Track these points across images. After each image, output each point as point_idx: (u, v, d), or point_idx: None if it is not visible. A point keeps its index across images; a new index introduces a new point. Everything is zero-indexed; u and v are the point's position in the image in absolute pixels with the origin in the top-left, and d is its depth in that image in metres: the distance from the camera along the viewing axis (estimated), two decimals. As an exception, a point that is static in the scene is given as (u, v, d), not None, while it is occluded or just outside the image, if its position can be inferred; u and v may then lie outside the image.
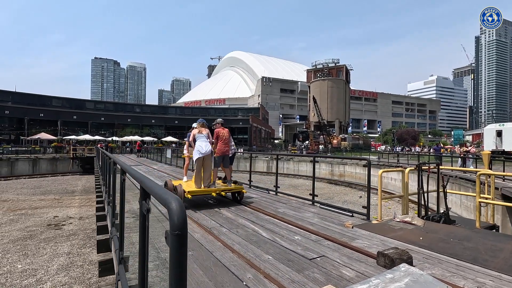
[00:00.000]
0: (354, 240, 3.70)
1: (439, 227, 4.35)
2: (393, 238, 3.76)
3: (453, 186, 13.46)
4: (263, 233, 4.04)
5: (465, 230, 4.26)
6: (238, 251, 3.32)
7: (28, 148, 32.06)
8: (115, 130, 45.91)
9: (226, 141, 6.09)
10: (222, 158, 6.05)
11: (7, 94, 45.97)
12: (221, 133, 6.04)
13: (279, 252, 3.32)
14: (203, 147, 5.67)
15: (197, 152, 5.68)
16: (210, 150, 5.76)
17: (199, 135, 5.83)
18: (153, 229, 4.90)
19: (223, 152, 6.03)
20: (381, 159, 25.55)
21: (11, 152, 29.21)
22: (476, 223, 4.69)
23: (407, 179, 5.15)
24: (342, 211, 5.27)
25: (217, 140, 6.00)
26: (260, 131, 58.17)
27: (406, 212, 5.08)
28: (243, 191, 6.05)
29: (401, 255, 2.82)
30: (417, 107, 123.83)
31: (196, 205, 5.66)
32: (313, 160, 6.62)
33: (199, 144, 5.72)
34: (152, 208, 2.97)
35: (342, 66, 72.30)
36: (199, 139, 5.80)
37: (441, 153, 21.51)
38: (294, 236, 3.92)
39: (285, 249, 3.42)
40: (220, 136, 6.01)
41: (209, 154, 5.77)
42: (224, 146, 6.02)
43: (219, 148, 5.98)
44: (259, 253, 3.30)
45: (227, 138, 6.11)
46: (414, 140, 59.22)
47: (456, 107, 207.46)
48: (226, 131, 6.16)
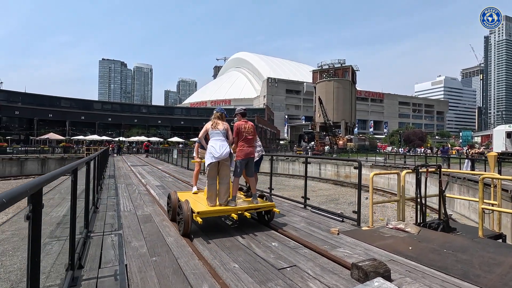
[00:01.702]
0: (336, 249, 3.45)
1: (435, 235, 4.04)
2: (379, 247, 3.50)
3: (462, 189, 13.26)
4: (239, 238, 3.83)
5: (464, 239, 3.95)
6: (206, 258, 3.12)
7: (37, 148, 32.60)
8: (122, 130, 46.39)
9: (251, 139, 4.48)
10: (245, 163, 4.44)
11: (17, 95, 46.89)
12: (243, 127, 4.45)
13: (248, 260, 3.09)
14: (217, 149, 4.15)
15: (209, 156, 4.19)
16: (228, 153, 4.22)
17: (213, 131, 4.31)
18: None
19: (247, 154, 4.40)
20: (388, 160, 25.33)
21: (21, 152, 29.73)
22: (479, 232, 4.26)
23: (403, 182, 4.83)
24: (333, 215, 5.04)
25: (238, 137, 4.42)
26: (265, 132, 58.15)
27: (402, 218, 4.79)
28: (275, 209, 4.36)
29: (377, 268, 2.56)
30: (425, 108, 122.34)
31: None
32: (305, 161, 6.27)
33: (212, 144, 4.22)
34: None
35: (348, 66, 71.88)
36: (213, 137, 4.29)
37: (449, 155, 21.25)
38: (272, 242, 3.67)
39: (257, 256, 3.19)
40: (241, 132, 4.42)
41: (227, 158, 4.26)
42: (248, 146, 4.43)
43: (241, 149, 4.37)
44: (227, 260, 3.08)
45: (251, 135, 4.51)
46: (421, 141, 58.57)
47: (465, 108, 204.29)
48: (250, 125, 4.58)
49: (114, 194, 7.36)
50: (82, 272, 2.76)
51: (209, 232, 4.10)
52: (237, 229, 4.24)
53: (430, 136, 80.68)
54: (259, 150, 5.16)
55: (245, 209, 4.20)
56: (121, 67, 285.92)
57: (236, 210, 4.12)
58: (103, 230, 4.20)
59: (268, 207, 4.39)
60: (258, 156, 5.17)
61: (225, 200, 4.27)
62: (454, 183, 13.74)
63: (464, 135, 75.62)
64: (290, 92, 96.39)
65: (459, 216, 12.41)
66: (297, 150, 42.33)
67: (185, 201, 4.09)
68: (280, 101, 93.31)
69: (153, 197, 7.00)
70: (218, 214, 4.19)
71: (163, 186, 8.84)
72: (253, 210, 4.36)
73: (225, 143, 4.28)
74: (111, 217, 5.01)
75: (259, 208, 4.39)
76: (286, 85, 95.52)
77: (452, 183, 13.93)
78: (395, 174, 5.04)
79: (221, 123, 4.41)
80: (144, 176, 11.39)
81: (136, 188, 8.41)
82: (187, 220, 3.73)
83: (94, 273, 2.75)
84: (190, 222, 3.76)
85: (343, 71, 70.97)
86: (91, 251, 3.35)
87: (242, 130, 4.45)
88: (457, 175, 13.17)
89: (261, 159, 5.32)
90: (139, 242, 3.65)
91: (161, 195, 7.17)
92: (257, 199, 4.48)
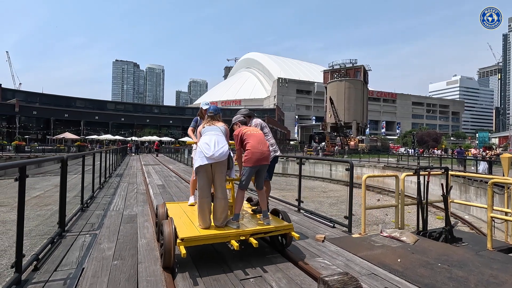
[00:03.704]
0: (314, 258, 3.13)
1: (433, 246, 3.63)
2: (363, 258, 3.17)
3: (479, 192, 12.87)
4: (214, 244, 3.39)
5: (467, 252, 3.52)
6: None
7: (53, 147, 33.58)
8: (135, 130, 47.23)
9: (261, 138, 3.36)
10: (255, 171, 3.28)
11: (35, 95, 48.50)
12: (246, 130, 3.38)
13: (213, 267, 2.85)
14: (211, 145, 3.00)
15: (199, 155, 3.03)
16: (226, 152, 3.05)
17: (208, 127, 3.26)
18: None
19: (259, 160, 3.20)
20: (400, 162, 24.84)
21: (38, 151, 30.66)
22: (487, 244, 3.76)
23: (402, 185, 4.44)
24: (325, 220, 4.75)
25: (243, 145, 3.32)
26: (275, 132, 58.05)
27: (401, 225, 4.38)
28: (293, 233, 3.18)
29: (346, 284, 2.30)
30: (439, 108, 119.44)
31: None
32: (299, 162, 6.00)
33: (205, 140, 3.08)
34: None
35: (360, 66, 70.96)
36: (207, 132, 3.21)
37: (465, 157, 20.65)
38: (248, 249, 3.23)
39: (223, 264, 2.92)
40: (246, 134, 3.32)
41: (224, 161, 3.10)
42: (259, 146, 3.23)
43: (252, 151, 3.18)
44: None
45: (260, 132, 3.47)
46: (436, 142, 57.16)
47: (481, 108, 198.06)
48: (257, 123, 3.84)
49: (112, 193, 7.37)
50: (35, 275, 2.65)
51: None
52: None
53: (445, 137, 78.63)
54: (273, 149, 3.90)
55: (251, 233, 3.07)
56: (134, 68, 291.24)
57: (237, 235, 3.00)
58: (81, 229, 4.11)
59: (284, 229, 3.22)
60: (272, 157, 3.75)
61: (222, 221, 3.11)
62: (470, 186, 13.34)
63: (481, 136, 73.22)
64: (301, 92, 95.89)
65: (476, 220, 12.01)
66: (308, 150, 42.05)
67: (169, 220, 2.98)
68: (290, 101, 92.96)
69: (148, 196, 6.94)
70: (212, 241, 3.01)
71: (164, 185, 8.80)
72: (261, 234, 3.19)
73: (222, 138, 3.15)
74: (96, 216, 4.93)
75: (270, 232, 3.23)
76: (297, 85, 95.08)
77: (468, 186, 13.52)
78: (393, 176, 4.65)
79: (221, 123, 3.36)
80: (150, 175, 11.47)
81: (137, 188, 8.37)
82: (168, 250, 2.68)
83: (46, 276, 2.63)
84: (173, 252, 2.71)
85: (355, 71, 70.10)
86: (56, 252, 3.23)
87: (247, 133, 3.33)
88: (473, 177, 12.79)
89: (275, 161, 3.98)
90: (109, 244, 3.53)
91: (157, 194, 7.14)
92: (268, 217, 3.33)
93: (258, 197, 3.55)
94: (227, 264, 2.95)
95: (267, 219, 3.30)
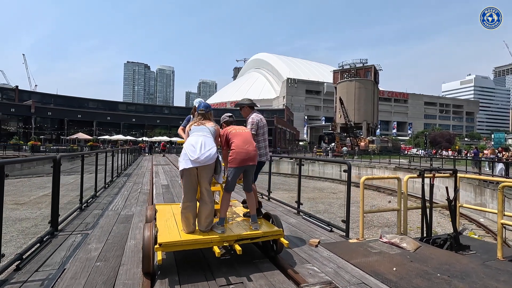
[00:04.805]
0: (303, 264, 2.99)
1: (436, 254, 3.37)
2: (355, 265, 3.00)
3: (495, 194, 12.47)
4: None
5: (473, 261, 3.23)
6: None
7: (67, 147, 34.39)
8: (145, 130, 47.92)
9: (248, 137, 3.22)
10: (241, 173, 3.17)
11: (49, 96, 49.84)
12: (232, 129, 3.25)
13: (196, 273, 2.76)
14: (197, 147, 2.87)
15: (184, 158, 2.89)
16: (213, 155, 2.90)
17: (196, 127, 3.09)
18: None
19: (244, 160, 3.07)
20: (412, 163, 24.38)
21: (53, 151, 31.45)
22: (498, 253, 3.42)
23: (405, 188, 4.19)
24: (323, 224, 4.56)
25: (227, 145, 3.20)
26: (284, 133, 57.87)
27: (404, 231, 4.15)
28: (282, 239, 3.00)
29: None
30: (453, 109, 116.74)
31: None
32: (299, 162, 5.83)
33: (190, 141, 2.94)
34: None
35: (370, 66, 70.04)
36: (194, 132, 3.05)
37: (479, 158, 20.07)
38: (236, 254, 3.00)
39: (207, 270, 2.82)
40: (231, 134, 3.19)
41: (211, 165, 2.95)
42: (246, 145, 3.11)
43: (236, 150, 3.06)
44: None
45: (247, 131, 3.35)
46: (449, 143, 55.88)
47: (497, 108, 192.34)
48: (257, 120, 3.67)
49: (115, 193, 7.39)
50: (15, 275, 2.62)
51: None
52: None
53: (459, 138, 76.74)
54: (263, 152, 3.68)
55: (235, 239, 2.88)
56: (144, 70, 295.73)
57: (221, 241, 2.84)
58: (74, 229, 4.09)
59: (272, 235, 3.02)
60: (264, 160, 3.73)
61: (207, 225, 2.96)
62: (486, 188, 12.97)
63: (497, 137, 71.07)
64: (310, 92, 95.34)
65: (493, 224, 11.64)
66: (317, 151, 41.76)
67: (151, 224, 2.87)
68: (299, 101, 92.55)
69: (150, 197, 6.93)
70: (193, 247, 2.82)
71: (168, 185, 8.85)
72: (248, 240, 2.97)
73: (210, 140, 2.97)
74: (93, 216, 4.89)
75: (257, 238, 3.00)
76: (306, 86, 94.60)
77: (484, 188, 13.15)
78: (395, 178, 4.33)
79: (210, 122, 3.16)
80: (157, 175, 11.56)
81: (141, 187, 8.39)
82: (146, 255, 2.59)
83: (26, 277, 2.59)
84: (151, 257, 2.59)
85: (365, 71, 69.24)
86: (43, 252, 3.19)
87: (232, 132, 3.19)
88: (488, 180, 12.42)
89: (260, 166, 3.72)
90: (97, 244, 3.48)
91: (159, 194, 7.16)
92: (257, 222, 3.15)
93: (247, 200, 3.33)
94: (211, 270, 2.83)
95: (255, 223, 3.12)
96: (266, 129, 3.77)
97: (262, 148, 3.69)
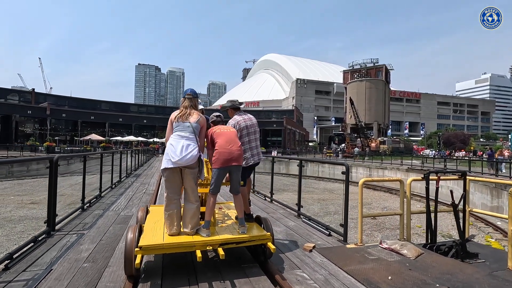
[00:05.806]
0: (293, 270, 2.89)
1: (438, 262, 3.17)
2: (348, 273, 2.85)
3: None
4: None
5: (478, 271, 2.99)
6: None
7: (80, 148, 35.23)
8: (156, 132, 48.59)
9: (233, 136, 3.15)
10: (225, 174, 3.09)
11: (64, 99, 51.17)
12: (218, 129, 3.19)
13: (179, 277, 2.70)
14: (177, 149, 2.81)
15: (166, 158, 2.85)
16: (194, 156, 2.84)
17: (179, 123, 2.96)
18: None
19: (226, 160, 2.98)
20: (425, 164, 23.90)
21: (67, 152, 32.30)
22: (508, 262, 3.16)
23: (408, 191, 4.00)
24: (323, 227, 4.42)
25: (213, 144, 3.12)
26: (294, 134, 57.63)
27: (407, 236, 3.97)
28: (269, 244, 2.88)
29: None
30: (467, 108, 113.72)
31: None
32: (299, 164, 5.65)
33: (172, 142, 2.88)
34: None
35: (381, 66, 69.06)
36: (177, 131, 2.94)
37: (495, 159, 19.48)
38: (225, 258, 2.84)
39: (191, 275, 2.74)
40: (216, 133, 3.14)
41: (193, 165, 2.89)
42: (229, 144, 3.04)
43: (219, 151, 3.00)
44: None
45: (233, 130, 3.28)
46: (464, 144, 54.46)
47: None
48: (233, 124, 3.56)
49: (121, 193, 7.40)
50: (2, 274, 2.63)
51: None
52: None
53: (474, 138, 74.71)
54: (250, 155, 3.53)
55: (220, 243, 2.76)
56: (155, 71, 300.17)
57: (204, 245, 2.71)
58: (72, 229, 4.07)
59: (260, 240, 2.89)
60: (252, 163, 3.55)
61: (192, 227, 2.85)
62: (503, 190, 12.59)
63: (514, 138, 68.78)
64: (320, 93, 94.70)
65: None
66: (327, 152, 41.41)
67: (135, 226, 2.85)
68: (309, 102, 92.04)
69: (154, 197, 6.88)
70: (175, 251, 2.70)
71: None
72: (233, 244, 2.83)
73: (192, 142, 2.88)
74: (93, 216, 4.86)
75: (243, 242, 2.87)
76: (316, 86, 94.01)
77: (501, 190, 12.77)
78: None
79: (195, 114, 3.00)
80: None
81: (147, 188, 8.38)
82: (128, 257, 2.54)
83: (11, 277, 2.58)
84: (133, 260, 2.51)
85: (376, 70, 68.30)
86: (36, 252, 3.18)
87: (216, 131, 3.13)
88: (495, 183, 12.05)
89: (246, 168, 3.55)
90: (90, 245, 3.45)
91: (163, 195, 7.22)
92: (244, 225, 3.03)
93: (234, 203, 3.21)
94: (196, 274, 2.74)
95: (242, 227, 3.01)
96: (256, 128, 3.67)
97: (253, 148, 3.59)
